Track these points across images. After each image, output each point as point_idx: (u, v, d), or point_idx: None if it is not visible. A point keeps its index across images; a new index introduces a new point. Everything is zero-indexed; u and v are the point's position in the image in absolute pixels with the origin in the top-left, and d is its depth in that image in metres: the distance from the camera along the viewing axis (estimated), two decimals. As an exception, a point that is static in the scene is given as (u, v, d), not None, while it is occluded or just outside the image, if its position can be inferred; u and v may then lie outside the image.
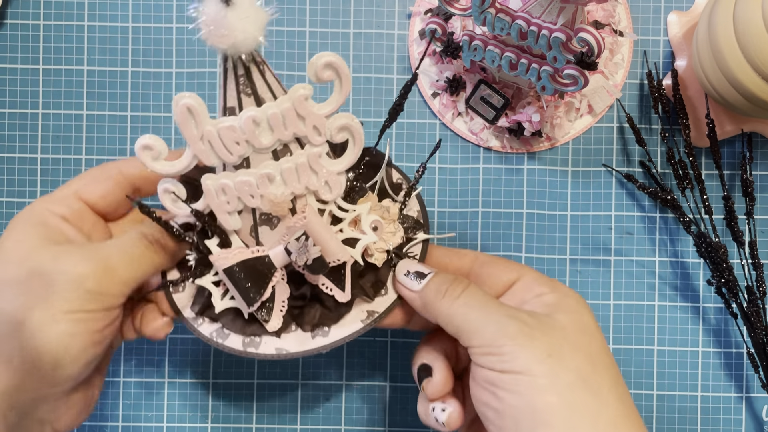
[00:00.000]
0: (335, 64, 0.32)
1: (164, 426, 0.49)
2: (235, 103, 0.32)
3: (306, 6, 0.49)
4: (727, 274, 0.45)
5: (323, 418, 0.49)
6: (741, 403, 0.49)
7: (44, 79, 0.49)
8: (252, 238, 0.36)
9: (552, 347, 0.33)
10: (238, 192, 0.34)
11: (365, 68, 0.49)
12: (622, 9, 0.48)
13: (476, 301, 0.35)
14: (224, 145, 0.32)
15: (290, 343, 0.37)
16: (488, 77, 0.47)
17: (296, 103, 0.32)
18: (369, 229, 0.36)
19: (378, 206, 0.37)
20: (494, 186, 0.49)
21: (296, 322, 0.37)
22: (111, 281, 0.34)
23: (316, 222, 0.34)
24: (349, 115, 0.34)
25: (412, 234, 0.38)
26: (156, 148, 0.32)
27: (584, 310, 0.36)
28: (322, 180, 0.35)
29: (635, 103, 0.49)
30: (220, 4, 0.29)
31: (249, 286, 0.35)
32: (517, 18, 0.41)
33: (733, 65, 0.41)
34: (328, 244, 0.34)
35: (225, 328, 0.37)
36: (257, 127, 0.32)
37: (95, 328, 0.34)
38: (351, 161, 0.35)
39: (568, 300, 0.36)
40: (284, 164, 0.33)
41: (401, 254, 0.38)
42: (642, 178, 0.49)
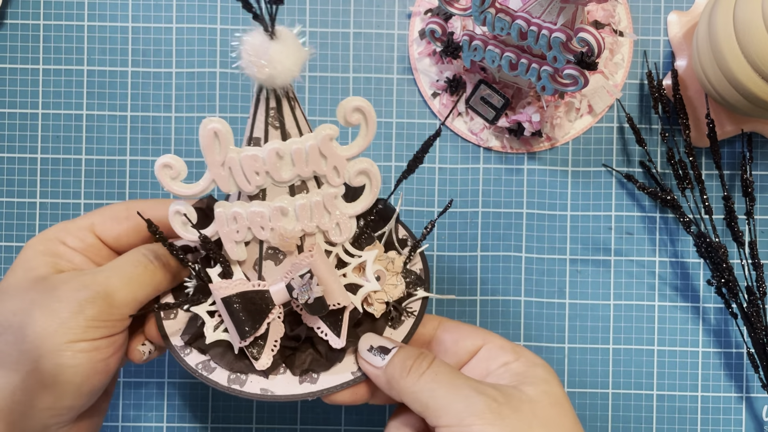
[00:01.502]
0: (364, 109, 0.33)
1: (164, 426, 0.49)
2: (262, 134, 0.32)
3: (306, 6, 0.49)
4: (727, 275, 0.45)
5: (323, 418, 0.49)
6: (741, 403, 0.49)
7: (44, 79, 0.49)
8: (255, 272, 0.36)
9: (521, 424, 0.33)
10: (249, 222, 0.34)
11: (365, 68, 0.49)
12: (622, 9, 0.48)
13: (442, 377, 0.34)
14: (244, 174, 0.33)
15: (277, 385, 0.36)
16: (488, 77, 0.47)
17: (321, 142, 0.33)
18: (373, 277, 0.36)
19: (383, 257, 0.37)
20: (494, 186, 0.49)
21: (286, 364, 0.37)
22: (111, 306, 0.33)
23: (322, 262, 0.34)
24: (370, 161, 0.34)
25: (413, 290, 0.38)
26: (175, 168, 0.33)
27: (553, 380, 0.36)
28: (334, 221, 0.35)
29: (635, 103, 0.49)
30: (265, 35, 0.29)
31: (244, 318, 0.34)
32: (517, 18, 0.41)
33: (733, 65, 0.41)
34: (331, 285, 0.34)
35: (212, 361, 0.36)
36: (280, 160, 0.33)
37: (99, 357, 0.33)
38: (365, 206, 0.35)
39: (536, 370, 0.36)
40: (299, 200, 0.34)
41: (400, 308, 0.38)
42: (642, 178, 0.49)
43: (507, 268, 0.49)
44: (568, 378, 0.49)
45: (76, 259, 0.36)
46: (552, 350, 0.49)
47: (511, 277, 0.49)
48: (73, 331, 0.32)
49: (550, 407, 0.34)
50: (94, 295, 0.33)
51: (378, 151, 0.49)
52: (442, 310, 0.49)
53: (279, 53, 0.29)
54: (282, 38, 0.29)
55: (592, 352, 0.49)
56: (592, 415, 0.48)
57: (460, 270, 0.49)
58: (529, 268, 0.49)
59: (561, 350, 0.49)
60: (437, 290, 0.49)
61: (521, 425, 0.32)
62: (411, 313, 0.38)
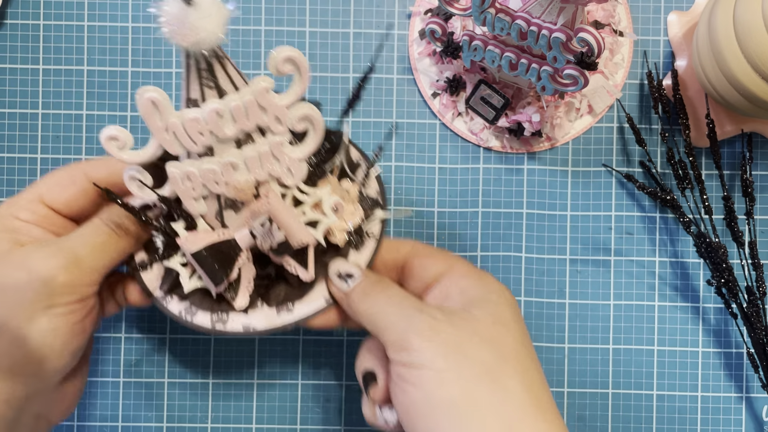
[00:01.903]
0: (295, 59, 0.33)
1: (164, 426, 0.49)
2: (198, 95, 0.33)
3: (306, 6, 0.49)
4: (727, 275, 0.45)
5: (323, 418, 0.49)
6: (741, 404, 0.49)
7: (44, 79, 0.49)
8: (217, 221, 0.37)
9: (459, 341, 0.33)
10: (203, 179, 0.35)
11: (365, 68, 0.49)
12: (622, 9, 0.48)
13: (393, 299, 0.36)
14: (189, 136, 0.33)
15: (257, 320, 0.38)
16: (488, 77, 0.47)
17: (258, 95, 0.33)
18: (330, 211, 0.37)
19: (338, 188, 0.38)
20: (494, 186, 0.49)
21: (262, 299, 0.38)
22: (81, 272, 0.34)
23: (279, 206, 0.35)
24: (309, 105, 0.35)
25: (371, 213, 0.39)
26: (121, 139, 0.33)
27: (503, 303, 0.36)
28: (285, 166, 0.36)
29: (635, 103, 0.49)
30: (181, 3, 0.29)
31: (216, 268, 0.36)
32: (517, 18, 0.41)
33: (733, 65, 0.41)
34: (291, 227, 0.35)
35: (193, 306, 0.38)
36: (220, 118, 0.33)
37: (75, 320, 0.34)
38: (312, 149, 0.36)
39: (489, 295, 0.36)
40: (247, 152, 0.35)
41: (361, 233, 0.39)
42: (642, 178, 0.49)
43: (507, 268, 0.49)
44: (568, 378, 0.49)
45: (34, 231, 0.36)
46: (552, 350, 0.49)
47: (511, 277, 0.49)
48: (47, 297, 0.33)
49: (493, 326, 0.34)
50: (65, 263, 0.34)
51: (378, 151, 0.49)
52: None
53: (200, 19, 0.30)
54: (200, 3, 0.29)
55: (592, 352, 0.49)
56: (592, 415, 0.48)
57: (460, 270, 0.49)
58: (529, 268, 0.49)
59: (561, 350, 0.49)
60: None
61: (457, 340, 0.33)
62: (372, 236, 0.39)
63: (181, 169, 0.35)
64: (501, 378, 0.33)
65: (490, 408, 0.32)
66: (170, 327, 0.49)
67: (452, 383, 0.32)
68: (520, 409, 0.32)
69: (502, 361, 0.33)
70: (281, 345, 0.49)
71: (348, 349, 0.49)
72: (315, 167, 0.37)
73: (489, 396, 0.32)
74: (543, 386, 0.34)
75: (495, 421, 0.32)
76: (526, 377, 0.33)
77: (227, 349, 0.49)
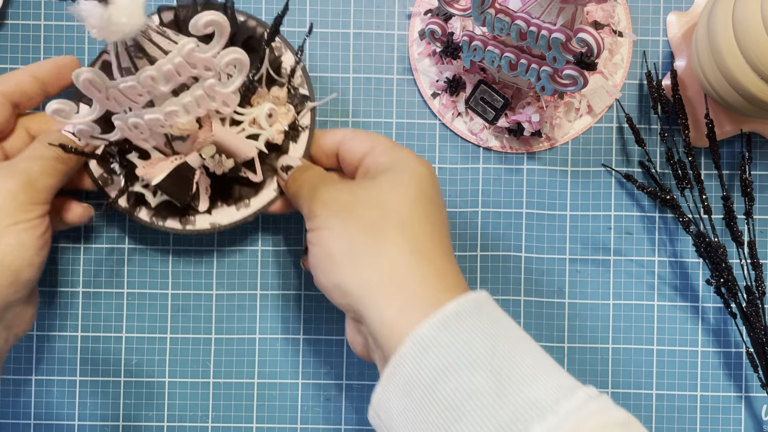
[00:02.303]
0: (215, 22, 0.35)
1: (164, 426, 0.49)
2: (130, 64, 0.36)
3: (306, 6, 0.49)
4: (726, 274, 0.45)
5: (323, 418, 0.49)
6: (740, 403, 0.49)
7: (44, 79, 0.49)
8: (168, 149, 0.41)
9: (352, 204, 0.37)
10: (148, 126, 0.38)
11: (365, 68, 0.49)
12: (621, 9, 0.48)
13: (311, 179, 0.40)
14: (129, 99, 0.36)
15: (220, 217, 0.44)
16: (488, 78, 0.47)
17: (186, 56, 0.35)
18: (266, 124, 0.41)
19: (269, 96, 0.42)
20: (494, 186, 0.49)
21: (222, 200, 0.44)
22: (36, 191, 0.38)
23: (221, 133, 0.40)
24: (235, 48, 0.36)
25: (302, 108, 0.44)
26: (66, 110, 0.36)
27: (406, 170, 0.38)
28: (220, 101, 0.39)
29: (635, 103, 0.49)
30: (99, 6, 0.31)
31: (177, 190, 0.40)
32: (516, 18, 0.41)
33: (732, 66, 0.41)
34: (237, 147, 0.40)
35: (162, 212, 0.43)
36: (155, 81, 0.36)
37: (38, 233, 0.39)
38: (241, 82, 0.38)
39: (397, 165, 0.39)
40: (185, 99, 0.38)
41: (296, 127, 0.44)
42: (641, 178, 0.49)
43: (507, 267, 0.49)
44: (567, 377, 0.49)
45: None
46: (551, 350, 0.49)
47: (510, 276, 0.49)
48: (11, 215, 0.37)
49: (387, 189, 0.38)
50: (23, 183, 0.38)
51: (378, 151, 0.49)
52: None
53: (120, 15, 0.32)
54: (116, 1, 0.31)
55: (591, 352, 0.49)
56: (591, 415, 0.49)
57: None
58: (529, 268, 0.49)
59: (560, 350, 0.49)
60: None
61: (351, 203, 0.37)
62: (305, 128, 0.44)
63: (126, 120, 0.38)
64: (382, 231, 0.36)
65: (370, 255, 0.36)
66: (170, 327, 0.49)
67: (340, 237, 0.36)
68: (398, 255, 0.35)
69: (385, 217, 0.36)
70: (281, 345, 0.49)
71: (348, 349, 0.49)
72: (246, 89, 0.41)
73: (369, 246, 0.36)
74: (431, 240, 0.37)
75: (374, 264, 0.35)
76: (407, 230, 0.36)
77: (227, 349, 0.49)
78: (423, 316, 0.33)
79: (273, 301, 0.49)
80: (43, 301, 0.49)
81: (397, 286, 0.35)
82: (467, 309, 0.33)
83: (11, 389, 0.48)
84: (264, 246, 0.49)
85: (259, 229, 0.49)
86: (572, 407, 0.30)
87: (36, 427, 0.48)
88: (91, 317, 0.49)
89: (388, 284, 0.35)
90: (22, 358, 0.49)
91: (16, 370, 0.49)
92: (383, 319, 0.34)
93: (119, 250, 0.49)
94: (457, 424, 0.30)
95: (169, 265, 0.49)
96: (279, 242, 0.49)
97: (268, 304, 0.49)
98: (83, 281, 0.49)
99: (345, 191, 0.38)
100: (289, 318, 0.49)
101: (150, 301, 0.49)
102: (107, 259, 0.49)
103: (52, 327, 0.49)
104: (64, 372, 0.49)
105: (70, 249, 0.49)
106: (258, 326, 0.49)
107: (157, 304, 0.49)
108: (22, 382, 0.48)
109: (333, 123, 0.49)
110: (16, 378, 0.49)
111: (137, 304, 0.49)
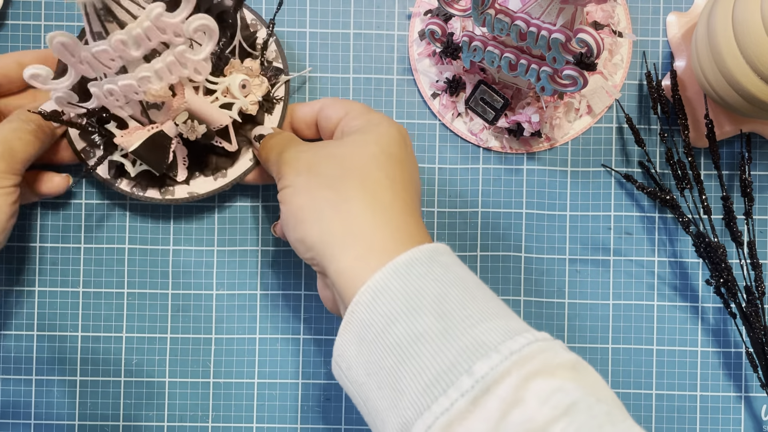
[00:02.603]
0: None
1: (164, 426, 0.49)
2: (101, 29, 0.37)
3: (306, 6, 0.49)
4: (725, 274, 0.45)
5: (323, 418, 0.49)
6: (740, 403, 0.49)
7: (45, 79, 0.49)
8: (144, 118, 0.43)
9: (315, 162, 0.39)
10: (122, 92, 0.39)
11: (365, 68, 0.49)
12: (621, 10, 0.49)
13: (279, 144, 0.42)
14: (102, 63, 0.38)
15: (198, 187, 0.45)
16: (488, 78, 0.47)
17: (154, 20, 0.36)
18: (239, 93, 0.43)
19: (242, 67, 0.44)
20: (494, 186, 0.49)
21: (199, 171, 0.45)
22: (14, 160, 0.40)
23: (195, 101, 0.41)
24: (204, 15, 0.37)
25: (275, 80, 0.45)
26: (43, 74, 0.38)
27: (371, 130, 0.40)
28: (191, 68, 0.40)
29: (634, 103, 0.49)
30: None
31: (154, 158, 0.42)
32: (516, 19, 0.41)
33: (732, 66, 0.41)
34: (210, 115, 0.42)
35: (142, 183, 0.45)
36: (126, 45, 0.37)
37: (11, 200, 0.41)
38: (210, 49, 0.39)
39: (366, 126, 0.40)
40: (156, 65, 0.39)
41: (270, 99, 0.45)
42: (641, 178, 0.49)
43: (507, 267, 0.49)
44: (567, 377, 0.49)
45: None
46: (551, 350, 0.49)
47: (510, 276, 0.49)
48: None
49: (350, 147, 0.39)
50: (2, 152, 0.40)
51: (378, 151, 0.49)
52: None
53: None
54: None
55: (591, 352, 0.49)
56: (591, 415, 0.49)
57: (459, 270, 0.49)
58: (529, 268, 0.49)
59: (560, 350, 0.49)
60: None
61: (313, 162, 0.39)
62: (279, 100, 0.46)
63: (101, 87, 0.39)
64: (342, 186, 0.37)
65: (330, 209, 0.37)
66: (170, 327, 0.49)
67: (302, 193, 0.38)
68: (357, 209, 0.37)
69: (345, 173, 0.38)
70: (281, 345, 0.49)
71: (348, 349, 0.49)
72: (218, 59, 0.43)
73: (330, 201, 0.37)
74: (392, 195, 0.38)
75: (334, 217, 0.37)
76: (367, 185, 0.37)
77: (227, 349, 0.49)
78: (379, 265, 0.34)
79: (273, 301, 0.49)
80: (43, 301, 0.49)
81: (355, 237, 0.36)
82: (420, 258, 0.34)
83: (11, 389, 0.48)
84: (264, 246, 0.49)
85: (259, 228, 0.49)
86: (517, 347, 0.30)
87: (36, 427, 0.48)
88: (91, 317, 0.49)
89: (346, 235, 0.36)
90: (22, 358, 0.49)
91: (16, 370, 0.49)
92: (340, 269, 0.35)
93: (119, 250, 0.49)
94: (406, 366, 0.31)
95: (169, 265, 0.49)
96: (279, 242, 0.49)
97: (268, 304, 0.49)
98: (83, 281, 0.49)
99: (309, 151, 0.40)
100: (289, 318, 0.49)
101: (150, 301, 0.49)
102: (107, 259, 0.49)
103: (53, 327, 0.49)
104: (64, 372, 0.49)
105: (70, 249, 0.49)
106: (258, 326, 0.49)
107: (157, 304, 0.49)
108: (22, 382, 0.49)
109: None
110: (16, 378, 0.49)
111: (137, 304, 0.49)
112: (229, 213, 0.49)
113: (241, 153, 0.45)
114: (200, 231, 0.49)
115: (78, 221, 0.49)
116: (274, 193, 0.48)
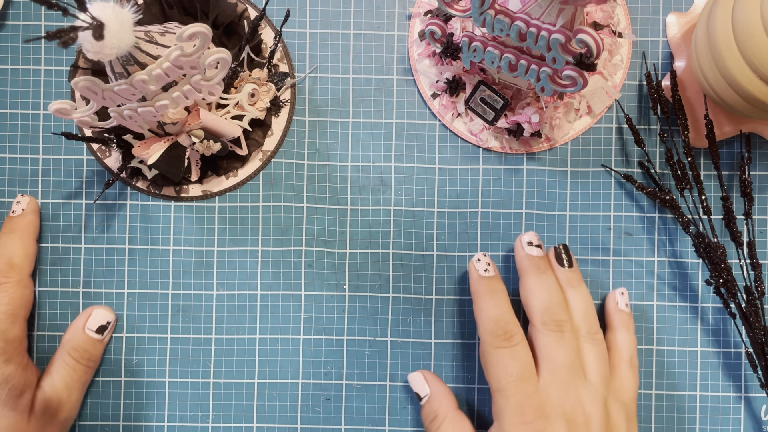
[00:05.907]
0: (199, 33, 0.37)
1: (164, 426, 0.49)
2: (122, 70, 0.38)
3: (306, 6, 0.49)
4: (725, 274, 0.45)
5: (323, 418, 0.49)
6: (740, 403, 0.49)
7: (45, 79, 0.49)
8: (160, 130, 0.45)
9: None
10: (142, 116, 0.41)
11: (365, 69, 0.49)
12: (621, 10, 0.49)
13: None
14: (123, 98, 0.39)
15: (212, 186, 0.48)
16: (488, 78, 0.47)
17: (173, 61, 0.38)
18: (250, 106, 0.46)
19: (251, 79, 0.46)
20: (494, 186, 0.49)
21: (212, 171, 0.48)
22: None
23: (209, 119, 0.44)
24: (219, 49, 0.39)
25: (281, 84, 0.48)
26: (67, 108, 0.39)
27: None
28: (206, 92, 0.41)
29: (634, 103, 0.49)
30: (95, 37, 0.34)
31: (171, 169, 0.45)
32: (516, 19, 0.41)
33: (732, 66, 0.41)
34: (223, 129, 0.45)
35: (158, 181, 0.48)
36: (146, 83, 0.38)
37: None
38: (222, 76, 0.41)
39: None
40: (174, 93, 0.41)
41: (278, 103, 0.48)
42: (641, 178, 0.49)
43: (507, 268, 0.49)
44: (567, 378, 0.49)
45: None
46: (551, 350, 0.49)
47: (510, 277, 0.49)
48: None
49: None
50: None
51: (378, 151, 0.49)
52: (442, 310, 0.49)
53: (113, 39, 0.35)
54: (108, 28, 0.34)
55: (591, 352, 0.49)
56: (591, 415, 0.49)
57: (459, 270, 0.49)
58: (529, 268, 0.49)
59: (560, 350, 0.49)
60: (437, 290, 0.49)
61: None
62: (285, 103, 0.48)
63: (121, 113, 0.41)
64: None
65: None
66: (170, 327, 0.49)
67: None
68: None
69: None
70: (281, 345, 0.49)
71: (348, 349, 0.49)
72: (229, 78, 0.45)
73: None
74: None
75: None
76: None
77: (227, 349, 0.49)
78: None
79: (273, 301, 0.49)
80: (44, 301, 0.49)
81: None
82: None
83: (11, 389, 0.49)
84: (264, 246, 0.49)
85: (259, 228, 0.49)
86: None
87: (36, 427, 0.48)
88: (91, 317, 0.49)
89: None
90: (22, 358, 0.49)
91: (17, 370, 0.49)
92: None
93: (119, 250, 0.49)
94: None
95: (170, 265, 0.49)
96: (279, 243, 0.49)
97: (268, 304, 0.49)
98: (83, 281, 0.49)
99: None
100: (289, 318, 0.49)
101: (150, 301, 0.49)
102: (107, 259, 0.49)
103: (53, 327, 0.49)
104: (64, 372, 0.49)
105: (70, 249, 0.49)
106: (258, 326, 0.49)
107: (157, 304, 0.49)
108: (23, 382, 0.49)
109: (333, 123, 0.49)
110: (16, 378, 0.49)
111: (137, 304, 0.49)
112: (229, 213, 0.49)
113: (251, 155, 0.48)
114: (200, 231, 0.49)
115: (78, 221, 0.49)
116: (275, 193, 0.49)
